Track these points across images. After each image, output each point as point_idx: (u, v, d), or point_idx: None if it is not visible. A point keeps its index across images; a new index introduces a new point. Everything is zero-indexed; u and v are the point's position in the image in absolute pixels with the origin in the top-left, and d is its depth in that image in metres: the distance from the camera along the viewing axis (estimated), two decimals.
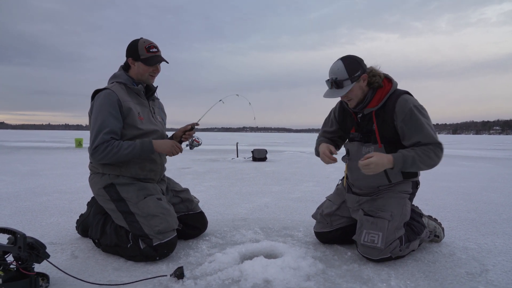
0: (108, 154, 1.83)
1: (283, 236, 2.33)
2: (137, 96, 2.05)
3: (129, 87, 2.02)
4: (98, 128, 1.85)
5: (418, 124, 1.78)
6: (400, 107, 1.80)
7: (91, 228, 2.05)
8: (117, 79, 2.03)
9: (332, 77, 1.83)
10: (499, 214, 3.03)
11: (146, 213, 1.87)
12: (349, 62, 1.82)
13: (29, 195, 3.70)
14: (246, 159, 8.63)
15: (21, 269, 1.40)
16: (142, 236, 1.84)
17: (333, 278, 1.66)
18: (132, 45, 2.01)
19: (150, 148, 1.92)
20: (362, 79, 1.84)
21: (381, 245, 1.77)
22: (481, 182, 5.10)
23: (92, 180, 2.04)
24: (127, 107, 1.93)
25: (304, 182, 4.94)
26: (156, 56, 2.01)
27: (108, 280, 1.62)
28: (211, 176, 5.50)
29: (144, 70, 2.02)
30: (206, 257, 1.90)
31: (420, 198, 3.76)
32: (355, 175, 2.02)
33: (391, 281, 1.63)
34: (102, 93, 1.92)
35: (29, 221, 2.64)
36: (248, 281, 1.57)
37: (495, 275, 1.72)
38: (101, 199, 1.99)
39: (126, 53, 2.04)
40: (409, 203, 1.97)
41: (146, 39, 2.02)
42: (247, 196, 3.73)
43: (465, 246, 2.16)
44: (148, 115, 2.07)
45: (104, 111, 1.87)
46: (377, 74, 1.87)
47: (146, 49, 1.98)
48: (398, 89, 1.91)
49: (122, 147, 1.85)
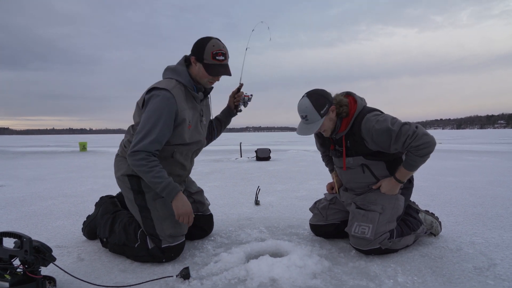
0: (138, 167, 1.76)
1: (288, 234, 2.32)
2: (193, 100, 1.95)
3: (188, 90, 1.92)
4: (146, 132, 1.76)
5: (387, 134, 1.80)
6: (365, 131, 1.86)
7: (99, 228, 2.05)
8: (179, 77, 1.90)
9: (302, 115, 1.88)
10: (506, 208, 3.00)
11: (161, 213, 1.87)
12: (315, 98, 1.85)
13: (34, 199, 3.72)
14: (249, 159, 8.63)
15: (28, 272, 1.41)
16: (152, 235, 1.84)
17: (340, 275, 1.65)
18: (199, 45, 1.86)
19: (171, 197, 1.79)
20: (331, 111, 1.89)
21: (370, 235, 1.84)
22: (487, 176, 5.06)
23: (118, 162, 2.01)
24: (182, 118, 1.84)
25: (308, 180, 4.93)
26: (220, 66, 1.87)
27: (114, 282, 1.62)
28: (215, 176, 5.51)
29: (204, 75, 1.90)
30: (211, 257, 1.90)
31: (425, 193, 3.74)
32: (344, 179, 2.13)
33: (398, 277, 1.62)
34: (162, 94, 1.78)
35: (35, 225, 2.66)
36: (254, 280, 1.57)
37: (503, 269, 1.70)
38: (122, 185, 1.97)
39: (192, 48, 1.90)
40: (402, 198, 2.00)
41: (217, 42, 1.86)
42: (252, 196, 3.73)
43: (472, 240, 2.14)
44: (196, 121, 1.98)
45: (159, 117, 1.77)
46: (344, 104, 1.92)
47: (212, 55, 1.84)
48: (365, 108, 1.95)
49: (152, 172, 1.75)
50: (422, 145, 1.75)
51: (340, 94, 1.99)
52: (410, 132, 1.76)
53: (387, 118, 1.83)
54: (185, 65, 1.94)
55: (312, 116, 1.84)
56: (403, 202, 1.99)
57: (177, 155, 1.95)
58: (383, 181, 1.97)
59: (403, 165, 1.89)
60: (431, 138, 1.78)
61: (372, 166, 1.97)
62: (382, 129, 1.80)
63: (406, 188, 2.04)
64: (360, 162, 1.97)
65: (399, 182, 1.93)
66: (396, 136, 1.77)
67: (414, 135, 1.75)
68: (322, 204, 2.25)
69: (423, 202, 3.27)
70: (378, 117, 1.85)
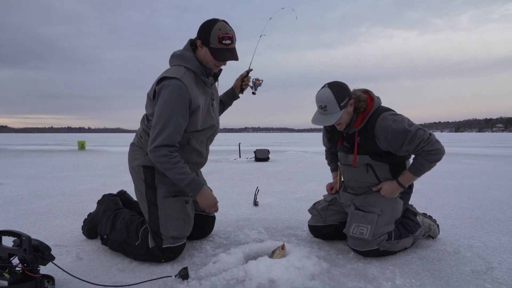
0: (161, 163, 1.75)
1: (287, 235, 2.33)
2: (203, 85, 1.92)
3: (198, 76, 1.89)
4: (163, 124, 1.73)
5: (403, 134, 1.82)
6: (380, 129, 1.87)
7: (101, 224, 2.05)
8: (187, 63, 1.86)
9: (321, 105, 1.87)
10: (504, 212, 3.01)
11: (169, 212, 1.86)
12: (337, 89, 1.84)
13: (33, 198, 3.71)
14: (248, 160, 8.63)
15: (27, 271, 1.41)
16: (155, 233, 1.84)
17: (338, 277, 1.66)
18: (205, 28, 1.80)
19: (195, 192, 1.83)
20: (350, 105, 1.90)
21: (368, 236, 1.86)
22: (485, 179, 5.08)
23: (133, 152, 2.00)
24: (196, 105, 1.82)
25: (307, 181, 4.94)
26: (226, 51, 1.81)
27: (113, 281, 1.62)
28: (214, 176, 5.51)
29: (209, 59, 1.85)
30: (210, 258, 1.90)
31: (424, 196, 3.75)
32: (346, 176, 2.14)
33: (396, 279, 1.63)
34: (173, 84, 1.75)
35: (33, 224, 2.65)
36: (253, 281, 1.57)
37: (500, 272, 1.71)
38: (135, 175, 1.96)
39: (197, 31, 1.84)
40: (401, 202, 2.02)
41: (223, 25, 1.78)
42: (250, 196, 3.73)
43: (470, 244, 2.15)
44: (208, 106, 1.95)
45: (174, 108, 1.74)
46: (362, 100, 1.93)
47: (219, 39, 1.77)
48: (380, 107, 1.96)
49: (176, 169, 1.75)
50: (433, 151, 1.81)
51: (358, 90, 2.00)
52: (425, 137, 1.80)
53: (404, 119, 1.86)
54: (191, 49, 1.90)
55: (331, 107, 1.84)
56: (401, 205, 2.01)
57: (193, 141, 1.93)
58: (384, 183, 1.99)
59: (409, 169, 1.92)
60: (442, 147, 1.84)
61: (376, 167, 1.99)
62: (399, 129, 1.82)
63: (405, 193, 2.06)
64: (366, 161, 1.98)
65: (401, 186, 1.95)
66: (411, 138, 1.81)
67: (428, 140, 1.80)
68: (321, 206, 2.26)
69: (421, 205, 3.28)
70: (396, 116, 1.87)
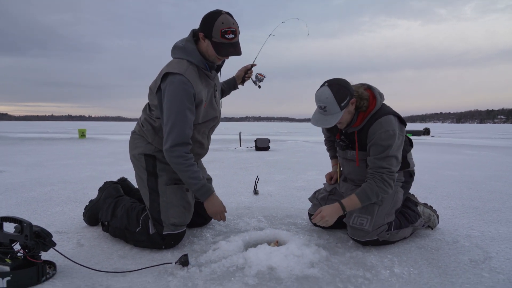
0: (176, 164, 1.77)
1: (286, 224, 2.34)
2: (206, 78, 1.90)
3: (201, 70, 1.86)
4: (173, 122, 1.73)
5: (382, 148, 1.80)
6: (371, 131, 1.83)
7: (102, 211, 2.07)
8: (189, 57, 1.82)
9: (321, 105, 1.78)
10: (503, 203, 3.02)
11: (169, 199, 1.88)
12: (337, 89, 1.75)
13: (34, 185, 3.73)
14: (249, 149, 8.64)
15: (28, 257, 1.42)
16: (156, 220, 1.86)
17: (337, 265, 1.67)
18: (208, 20, 1.75)
19: (204, 197, 1.86)
20: (351, 104, 1.82)
21: (368, 227, 1.86)
22: (485, 170, 5.08)
23: (135, 140, 2.00)
24: (200, 99, 1.82)
25: (307, 171, 4.95)
26: (229, 45, 1.77)
27: (114, 267, 1.64)
28: (214, 165, 5.52)
29: (212, 53, 1.81)
30: (210, 245, 1.92)
31: (424, 186, 3.76)
32: (346, 169, 2.14)
33: (395, 268, 1.64)
34: (177, 79, 1.74)
35: (34, 211, 2.67)
36: (252, 268, 1.59)
37: (498, 262, 1.73)
38: (137, 163, 1.97)
39: (200, 23, 1.79)
40: (402, 191, 2.01)
41: (226, 18, 1.73)
42: (251, 185, 3.74)
43: (469, 233, 2.16)
44: (211, 97, 1.94)
45: (181, 103, 1.73)
46: (364, 98, 1.85)
47: (221, 33, 1.72)
48: (383, 106, 1.89)
49: (189, 172, 1.77)
50: (387, 183, 1.80)
51: (360, 85, 1.92)
52: (393, 168, 1.81)
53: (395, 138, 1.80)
54: (193, 40, 1.86)
55: (331, 107, 1.75)
56: (402, 195, 2.00)
57: (195, 133, 1.93)
58: (325, 207, 1.89)
59: (356, 194, 1.84)
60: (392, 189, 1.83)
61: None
62: (384, 141, 1.79)
63: (406, 182, 2.04)
64: (364, 157, 1.95)
65: (343, 210, 1.86)
66: (384, 157, 1.80)
67: (391, 172, 1.81)
68: (321, 195, 2.26)
69: (421, 195, 3.29)
70: (390, 130, 1.79)
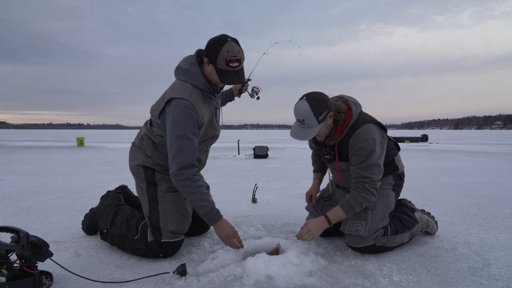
0: (183, 187, 1.75)
1: (285, 232, 2.33)
2: (209, 100, 1.92)
3: (205, 93, 1.88)
4: (178, 146, 1.74)
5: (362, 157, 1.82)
6: (351, 141, 1.86)
7: (101, 219, 2.08)
8: (194, 81, 1.84)
9: (299, 118, 1.81)
10: (501, 209, 3.03)
11: (168, 206, 1.90)
12: (315, 103, 1.78)
13: (31, 194, 3.71)
14: (247, 156, 8.64)
15: (25, 267, 1.41)
16: (155, 227, 1.86)
17: (335, 273, 1.67)
18: (213, 47, 1.75)
19: (212, 222, 1.81)
20: (329, 117, 1.85)
21: (364, 232, 1.87)
22: (483, 177, 5.09)
23: (134, 152, 2.04)
24: (202, 123, 1.85)
25: (306, 178, 4.94)
26: (233, 74, 1.79)
27: (111, 277, 1.63)
28: (213, 173, 5.51)
29: (215, 78, 1.84)
30: (208, 254, 1.91)
31: (422, 193, 3.76)
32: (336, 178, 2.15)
33: (393, 276, 1.63)
34: (181, 103, 1.76)
35: (32, 220, 2.65)
36: (250, 278, 1.58)
37: (497, 269, 1.72)
38: (136, 173, 2.00)
39: (205, 47, 1.80)
40: (393, 194, 2.03)
41: (232, 46, 1.73)
42: (249, 193, 3.73)
43: (467, 240, 2.16)
44: (212, 116, 1.97)
45: (186, 127, 1.74)
46: (342, 111, 1.88)
47: (226, 62, 1.74)
48: (360, 116, 1.91)
49: (197, 194, 1.76)
50: (370, 192, 1.82)
51: (338, 98, 1.95)
52: (375, 177, 1.83)
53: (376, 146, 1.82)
54: (197, 62, 1.87)
55: (309, 121, 1.79)
56: (394, 198, 2.02)
57: None
58: (310, 221, 1.89)
59: (340, 205, 1.86)
60: (375, 197, 1.85)
61: None
62: (363, 151, 1.81)
63: (396, 185, 2.05)
64: (348, 167, 1.96)
65: (328, 222, 1.86)
66: (366, 166, 1.81)
67: (373, 181, 1.83)
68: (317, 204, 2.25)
69: (419, 202, 3.29)
70: (369, 139, 1.81)
